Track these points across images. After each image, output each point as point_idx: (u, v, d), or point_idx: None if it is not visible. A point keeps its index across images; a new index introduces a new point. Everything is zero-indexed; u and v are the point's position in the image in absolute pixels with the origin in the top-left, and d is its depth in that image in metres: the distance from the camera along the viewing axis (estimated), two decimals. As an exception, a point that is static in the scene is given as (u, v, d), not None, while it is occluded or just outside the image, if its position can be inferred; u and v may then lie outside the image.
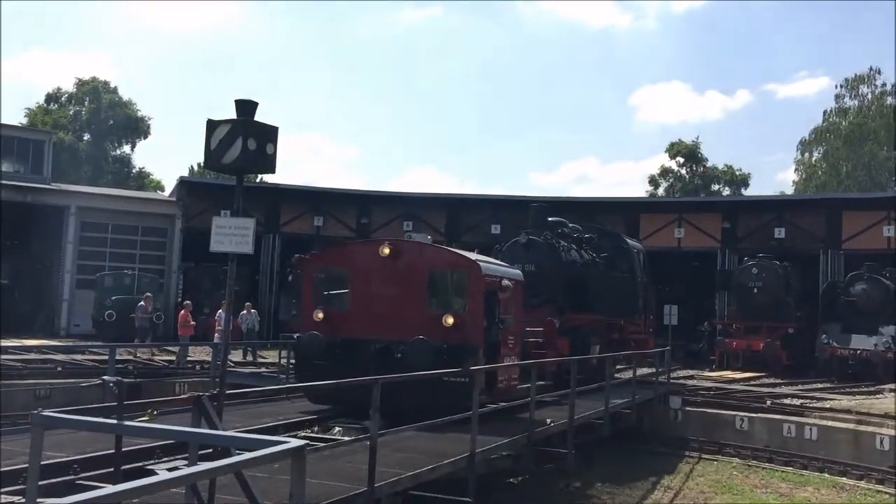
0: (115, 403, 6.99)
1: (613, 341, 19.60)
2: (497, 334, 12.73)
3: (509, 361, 12.94)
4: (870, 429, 16.52)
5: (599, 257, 19.94)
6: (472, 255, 13.33)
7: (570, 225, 19.94)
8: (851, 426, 16.90)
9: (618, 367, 19.79)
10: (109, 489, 3.05)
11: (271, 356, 23.92)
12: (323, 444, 9.08)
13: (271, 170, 7.77)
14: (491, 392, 12.16)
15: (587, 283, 18.56)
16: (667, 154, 60.39)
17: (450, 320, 11.97)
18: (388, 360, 11.62)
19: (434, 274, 12.97)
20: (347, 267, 13.48)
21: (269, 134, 7.67)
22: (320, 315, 12.84)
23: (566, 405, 12.87)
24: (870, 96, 55.30)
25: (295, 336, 13.62)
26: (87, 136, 61.99)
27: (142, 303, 24.87)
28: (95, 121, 61.36)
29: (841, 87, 56.40)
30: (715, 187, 59.28)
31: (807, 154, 57.74)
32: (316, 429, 11.22)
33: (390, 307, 12.42)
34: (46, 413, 4.53)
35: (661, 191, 59.06)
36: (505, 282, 13.04)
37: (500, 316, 12.89)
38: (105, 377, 7.36)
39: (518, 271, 14.53)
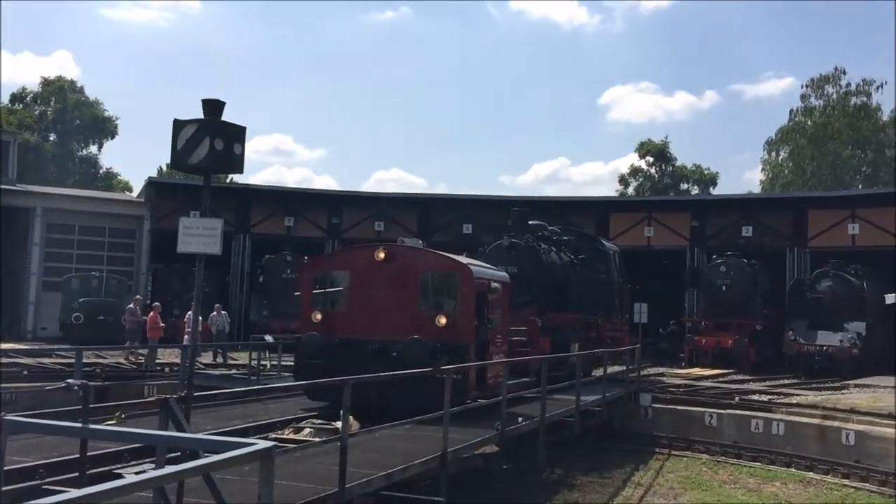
0: (81, 407, 6.89)
1: (592, 339, 20.09)
2: (486, 333, 13.41)
3: (498, 359, 13.51)
4: (836, 424, 16.76)
5: (578, 259, 20.49)
6: (464, 259, 14.08)
7: (550, 228, 20.59)
8: (818, 421, 17.14)
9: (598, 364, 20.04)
10: (73, 493, 3.00)
11: (242, 358, 23.75)
12: (292, 446, 9.04)
13: (239, 170, 7.73)
14: (482, 387, 12.70)
15: (567, 284, 19.15)
16: (636, 154, 60.93)
17: (442, 320, 12.64)
18: (384, 358, 12.13)
19: (427, 277, 13.53)
20: (344, 270, 14.01)
21: (236, 134, 7.62)
22: (318, 316, 13.41)
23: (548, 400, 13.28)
24: (834, 96, 56.10)
25: (268, 337, 13.80)
26: (52, 137, 61.17)
27: (131, 305, 24.44)
28: (61, 121, 60.57)
29: (806, 87, 57.23)
30: (684, 186, 59.85)
31: (773, 153, 58.47)
32: (287, 431, 11.18)
33: (386, 308, 13.00)
34: (10, 417, 4.47)
35: (631, 190, 59.51)
36: (493, 284, 13.81)
37: (489, 316, 13.60)
38: (69, 380, 7.25)
39: (504, 274, 15.21)
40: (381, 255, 13.18)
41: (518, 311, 16.55)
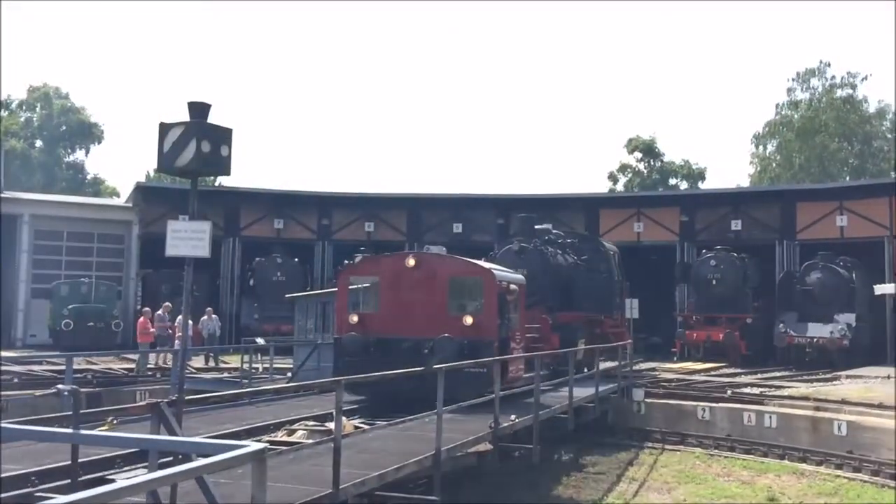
0: (71, 413, 6.86)
1: (596, 335, 21.14)
2: (507, 331, 14.70)
3: (518, 353, 15.01)
4: (827, 415, 16.85)
5: (581, 260, 21.73)
6: (486, 264, 15.66)
7: (554, 231, 22.04)
8: (809, 413, 17.23)
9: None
10: (65, 499, 2.96)
11: (234, 361, 23.69)
12: (285, 448, 9.03)
13: (226, 172, 7.70)
14: (504, 380, 13.45)
15: (572, 284, 20.42)
16: (625, 149, 61.01)
17: (469, 320, 13.96)
18: (416, 355, 13.14)
19: (454, 281, 14.85)
20: (377, 276, 15.25)
21: (223, 136, 7.59)
22: (355, 318, 14.61)
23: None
24: (820, 89, 56.33)
25: (259, 340, 13.93)
26: (39, 143, 60.80)
27: (160, 311, 24.40)
28: (47, 127, 60.20)
29: (792, 80, 57.42)
30: (672, 181, 59.98)
31: (761, 147, 58.64)
32: (280, 433, 11.16)
33: (416, 310, 14.30)
34: (1, 425, 4.43)
35: (619, 186, 59.59)
36: (512, 286, 15.14)
37: (509, 315, 14.87)
38: (59, 386, 7.20)
39: (521, 276, 16.47)
40: (412, 262, 14.52)
41: (529, 310, 17.40)
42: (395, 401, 12.38)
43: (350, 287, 15.36)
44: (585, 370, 18.30)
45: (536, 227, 21.12)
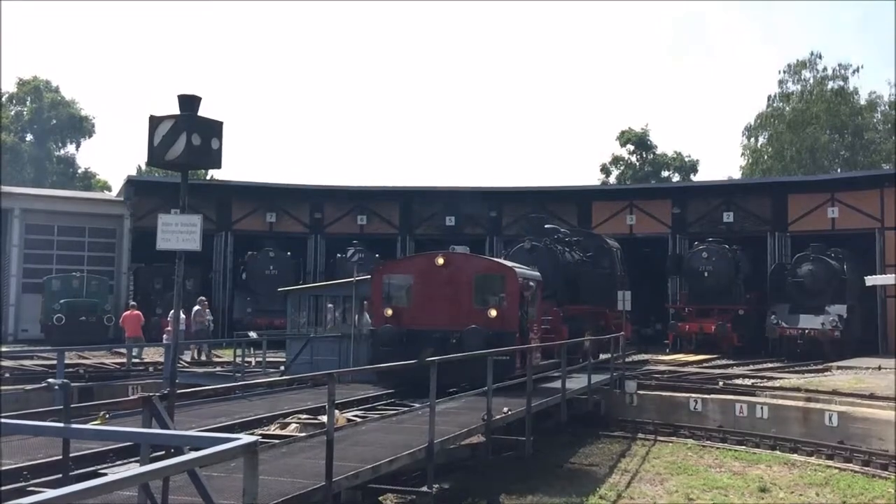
0: (62, 407, 6.84)
1: (600, 327, 22.52)
2: (526, 323, 16.21)
3: (535, 343, 16.48)
4: (818, 406, 16.92)
5: (586, 256, 23.11)
6: (508, 263, 17.34)
7: (562, 230, 23.43)
8: (801, 404, 17.29)
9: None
10: (54, 492, 2.96)
11: (227, 355, 23.66)
12: (277, 441, 9.02)
13: (217, 165, 7.66)
14: (523, 367, 14.82)
15: (578, 280, 21.79)
16: (617, 142, 61.07)
17: (493, 313, 15.42)
18: (444, 345, 14.48)
19: (479, 278, 16.26)
20: (409, 274, 16.75)
21: (213, 129, 7.55)
22: (389, 312, 15.96)
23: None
24: (812, 81, 56.40)
25: (252, 334, 14.22)
26: (29, 137, 60.49)
27: (197, 307, 24.67)
28: (38, 120, 59.89)
29: (784, 72, 57.50)
30: (665, 174, 60.06)
31: (752, 139, 58.71)
32: (273, 427, 11.15)
33: (445, 304, 15.68)
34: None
35: (612, 178, 59.64)
36: (530, 283, 16.70)
37: (528, 308, 16.38)
38: (50, 380, 7.18)
39: (537, 273, 17.85)
40: (441, 261, 16.00)
41: (542, 304, 18.45)
42: (423, 387, 12.90)
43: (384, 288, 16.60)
44: (591, 359, 19.03)
45: (546, 226, 22.54)
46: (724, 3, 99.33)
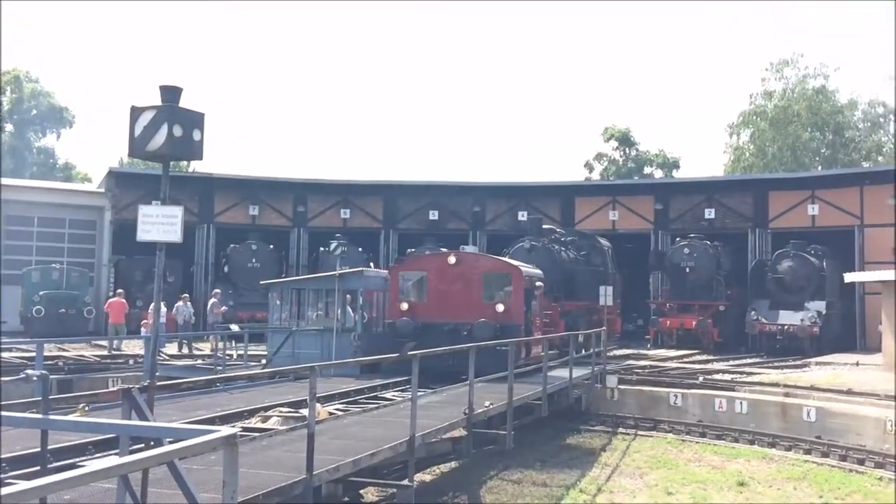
0: (40, 398, 6.79)
1: (594, 322, 23.37)
2: (530, 317, 17.69)
3: (538, 335, 17.53)
4: (797, 401, 17.10)
5: (580, 255, 24.49)
6: (514, 262, 18.72)
7: (558, 231, 25.05)
8: (779, 399, 17.46)
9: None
10: (30, 483, 2.93)
11: (207, 348, 23.56)
12: (257, 434, 9.00)
13: (199, 156, 7.62)
14: (528, 357, 16.44)
15: (574, 277, 23.13)
16: (601, 138, 61.19)
17: (500, 307, 16.81)
18: (456, 336, 15.93)
19: (487, 275, 17.64)
20: (423, 271, 18.10)
21: (195, 120, 7.51)
22: (405, 306, 17.33)
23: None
24: (794, 79, 56.77)
25: (234, 327, 14.38)
26: (9, 127, 59.86)
27: (213, 299, 25.40)
28: (17, 111, 59.25)
29: (766, 70, 57.79)
30: (647, 170, 60.27)
31: (735, 136, 59.01)
32: (254, 420, 11.11)
33: (456, 299, 17.01)
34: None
35: (595, 174, 59.79)
36: (534, 280, 18.01)
37: (532, 303, 17.78)
38: (28, 371, 7.12)
39: (540, 272, 19.07)
40: (452, 260, 17.52)
41: (542, 300, 19.34)
42: (442, 373, 13.98)
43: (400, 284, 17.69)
44: (583, 351, 20.04)
45: (544, 226, 23.91)
46: (708, 2, 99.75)
